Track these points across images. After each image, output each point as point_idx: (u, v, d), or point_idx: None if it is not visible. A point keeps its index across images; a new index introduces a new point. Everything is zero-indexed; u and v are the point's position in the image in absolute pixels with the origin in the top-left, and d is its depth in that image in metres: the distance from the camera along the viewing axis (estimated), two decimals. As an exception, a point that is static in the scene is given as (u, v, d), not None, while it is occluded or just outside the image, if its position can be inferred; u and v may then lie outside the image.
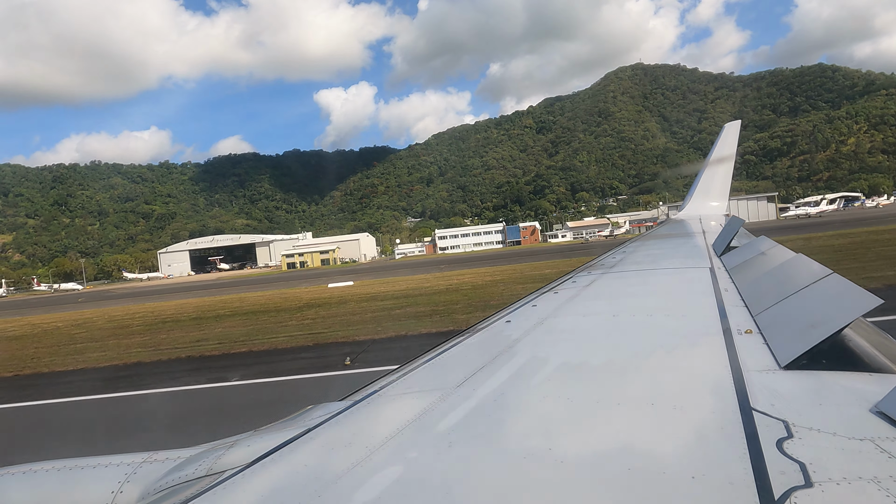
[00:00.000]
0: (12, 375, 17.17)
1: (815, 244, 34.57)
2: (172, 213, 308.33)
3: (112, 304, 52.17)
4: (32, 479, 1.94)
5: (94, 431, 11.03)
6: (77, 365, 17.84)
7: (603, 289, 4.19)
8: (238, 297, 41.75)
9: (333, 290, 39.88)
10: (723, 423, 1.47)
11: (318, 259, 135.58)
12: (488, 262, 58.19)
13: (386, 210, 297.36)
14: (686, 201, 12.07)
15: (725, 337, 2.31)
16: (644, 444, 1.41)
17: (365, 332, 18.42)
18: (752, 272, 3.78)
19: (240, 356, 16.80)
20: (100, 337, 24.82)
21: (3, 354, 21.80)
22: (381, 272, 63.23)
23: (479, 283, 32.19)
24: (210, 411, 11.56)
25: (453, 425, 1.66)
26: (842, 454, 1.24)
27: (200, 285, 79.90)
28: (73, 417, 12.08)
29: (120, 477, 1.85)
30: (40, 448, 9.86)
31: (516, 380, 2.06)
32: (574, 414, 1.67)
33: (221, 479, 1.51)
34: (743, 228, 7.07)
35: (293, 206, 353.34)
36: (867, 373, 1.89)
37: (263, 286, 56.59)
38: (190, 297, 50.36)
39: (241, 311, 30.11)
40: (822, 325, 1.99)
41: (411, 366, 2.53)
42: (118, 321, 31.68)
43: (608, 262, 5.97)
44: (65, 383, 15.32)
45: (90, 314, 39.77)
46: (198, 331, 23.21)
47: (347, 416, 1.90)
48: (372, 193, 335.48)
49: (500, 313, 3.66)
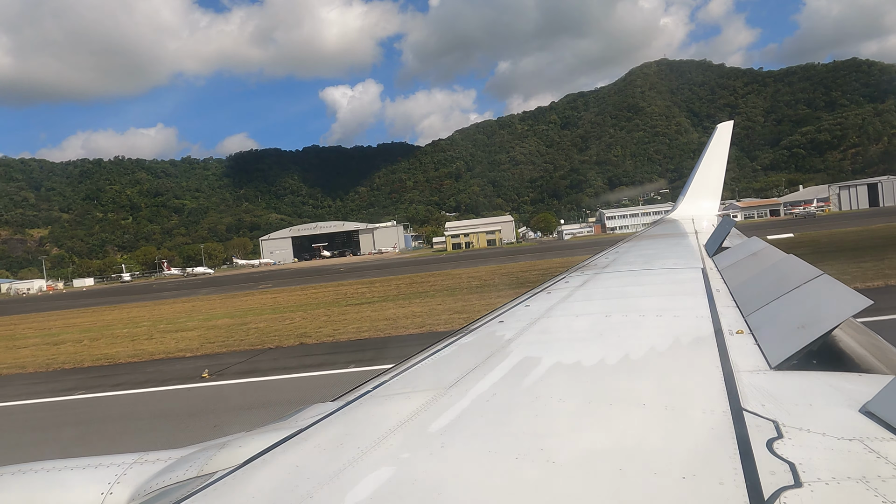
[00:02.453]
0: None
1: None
2: (204, 208, 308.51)
3: (297, 284, 52.01)
4: (21, 479, 1.91)
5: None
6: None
7: (595, 289, 4.15)
8: (453, 273, 41.42)
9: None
10: (713, 423, 1.47)
11: (484, 240, 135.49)
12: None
13: (419, 205, 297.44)
14: (678, 202, 12.15)
15: (717, 337, 2.31)
16: (635, 444, 1.41)
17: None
18: (744, 273, 3.75)
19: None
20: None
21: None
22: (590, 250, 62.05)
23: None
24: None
25: (445, 426, 1.66)
26: (831, 454, 1.24)
27: (357, 267, 76.90)
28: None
29: (110, 478, 1.82)
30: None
31: (509, 380, 2.06)
32: (566, 414, 1.67)
33: (212, 481, 1.50)
34: (735, 229, 7.07)
35: (319, 200, 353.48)
36: (857, 373, 1.90)
37: (467, 263, 56.46)
38: (374, 276, 49.94)
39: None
40: (812, 326, 2.00)
41: (404, 366, 2.51)
42: (413, 287, 31.83)
43: (601, 263, 5.99)
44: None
45: (345, 288, 39.93)
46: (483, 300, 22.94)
47: (339, 417, 1.89)
48: (401, 188, 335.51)
49: (494, 313, 3.63)
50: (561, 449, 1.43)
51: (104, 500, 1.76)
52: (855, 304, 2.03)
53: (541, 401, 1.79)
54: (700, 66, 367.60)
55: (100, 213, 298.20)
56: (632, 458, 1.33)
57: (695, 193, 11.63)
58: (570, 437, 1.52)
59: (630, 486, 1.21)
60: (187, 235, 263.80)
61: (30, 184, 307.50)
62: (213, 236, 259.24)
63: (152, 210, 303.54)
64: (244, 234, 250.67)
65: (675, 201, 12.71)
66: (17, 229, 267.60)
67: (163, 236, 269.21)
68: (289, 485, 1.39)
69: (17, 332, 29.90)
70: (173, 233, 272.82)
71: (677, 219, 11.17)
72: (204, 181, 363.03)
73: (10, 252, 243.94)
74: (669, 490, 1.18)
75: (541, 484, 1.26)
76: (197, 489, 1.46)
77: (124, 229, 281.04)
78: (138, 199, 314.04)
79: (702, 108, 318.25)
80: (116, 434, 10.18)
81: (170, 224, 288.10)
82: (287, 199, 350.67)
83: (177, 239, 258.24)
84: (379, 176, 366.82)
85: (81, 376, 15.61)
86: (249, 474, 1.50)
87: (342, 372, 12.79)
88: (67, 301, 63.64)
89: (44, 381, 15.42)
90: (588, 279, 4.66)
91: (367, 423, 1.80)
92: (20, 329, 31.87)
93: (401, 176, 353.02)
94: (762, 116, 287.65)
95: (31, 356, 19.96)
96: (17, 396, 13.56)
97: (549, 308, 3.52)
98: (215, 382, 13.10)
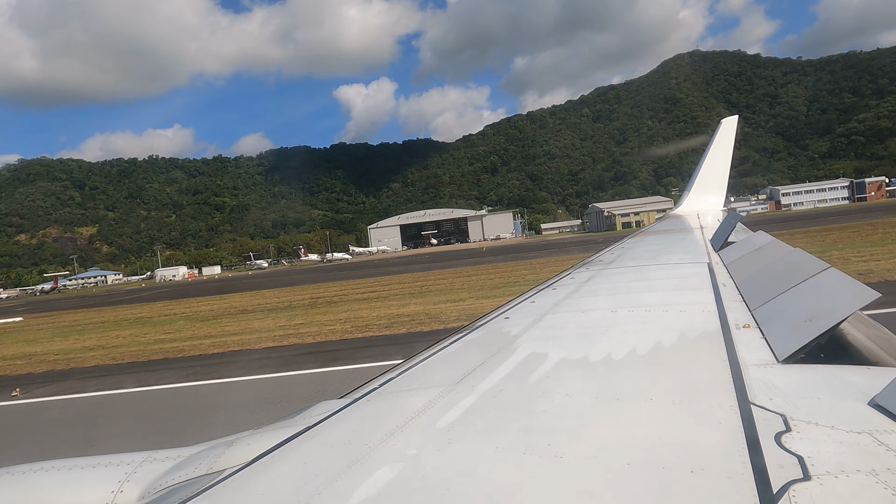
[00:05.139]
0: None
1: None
2: (245, 205, 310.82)
3: (464, 266, 52.41)
4: (32, 479, 1.92)
5: None
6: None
7: (601, 284, 4.13)
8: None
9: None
10: (721, 417, 1.46)
11: (654, 217, 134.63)
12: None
13: (459, 199, 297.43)
14: (684, 197, 11.91)
15: (724, 332, 2.30)
16: (643, 438, 1.40)
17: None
18: (750, 267, 3.73)
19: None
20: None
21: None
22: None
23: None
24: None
25: (453, 422, 1.66)
26: (840, 447, 1.23)
27: (502, 250, 77.21)
28: None
29: (120, 476, 1.83)
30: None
31: (516, 376, 2.05)
32: (573, 410, 1.66)
33: (221, 478, 1.50)
34: (741, 224, 7.01)
35: (353, 197, 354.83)
36: (865, 366, 1.88)
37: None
38: (547, 256, 50.17)
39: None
40: (819, 320, 1.98)
41: (411, 363, 2.51)
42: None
43: (606, 258, 5.95)
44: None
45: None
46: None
47: (347, 414, 1.89)
48: (437, 184, 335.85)
49: (500, 310, 3.64)
50: (569, 444, 1.42)
51: (115, 499, 1.76)
52: (862, 297, 2.01)
53: (548, 396, 1.78)
54: (735, 57, 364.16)
55: (143, 210, 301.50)
56: (640, 453, 1.32)
57: (700, 188, 11.47)
58: (578, 432, 1.50)
59: (638, 481, 1.20)
60: (233, 232, 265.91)
61: (73, 183, 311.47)
62: (259, 232, 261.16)
63: (195, 208, 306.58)
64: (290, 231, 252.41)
65: (681, 196, 12.51)
66: (66, 228, 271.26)
67: (209, 233, 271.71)
68: (297, 482, 1.38)
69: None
70: (218, 229, 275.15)
71: (682, 214, 11.03)
72: (238, 179, 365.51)
73: (63, 250, 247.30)
74: (678, 484, 1.17)
75: (549, 479, 1.26)
76: (206, 487, 1.46)
77: (170, 227, 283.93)
78: (179, 197, 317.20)
79: (740, 99, 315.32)
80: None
81: (213, 221, 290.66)
82: (321, 195, 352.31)
83: (224, 236, 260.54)
84: (411, 172, 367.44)
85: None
86: (258, 472, 1.50)
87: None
88: (281, 279, 64.47)
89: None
90: (594, 275, 4.67)
91: (374, 419, 1.79)
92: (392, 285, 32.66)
93: (435, 171, 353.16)
94: (804, 106, 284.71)
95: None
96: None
97: (555, 304, 3.50)
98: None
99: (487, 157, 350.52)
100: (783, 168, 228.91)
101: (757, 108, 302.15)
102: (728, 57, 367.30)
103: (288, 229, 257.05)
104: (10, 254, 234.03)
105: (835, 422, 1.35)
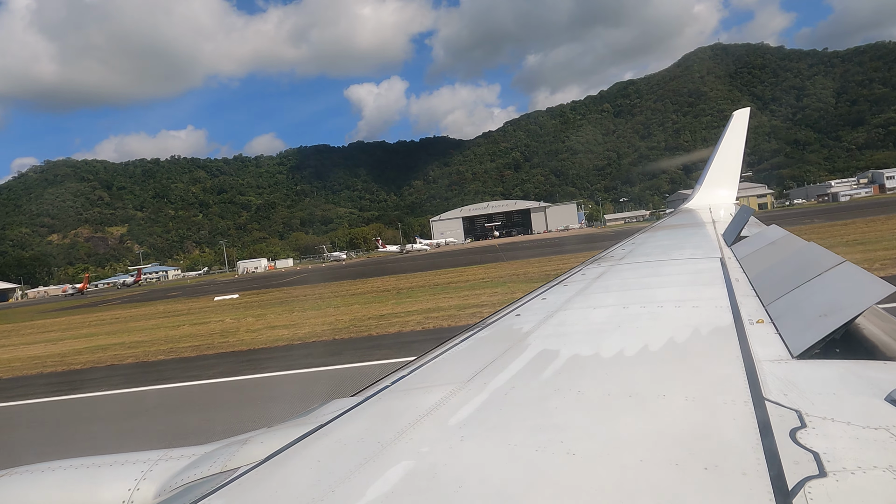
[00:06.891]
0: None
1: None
2: (271, 203, 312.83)
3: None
4: (51, 477, 1.95)
5: None
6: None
7: (612, 281, 4.11)
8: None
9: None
10: (735, 413, 1.45)
11: (755, 203, 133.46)
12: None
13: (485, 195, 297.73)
14: (695, 191, 11.62)
15: (737, 327, 2.27)
16: (656, 435, 1.39)
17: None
18: (763, 262, 3.67)
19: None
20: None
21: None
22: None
23: None
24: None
25: (465, 419, 1.66)
26: (856, 443, 1.22)
27: (579, 239, 75.20)
28: None
29: (136, 474, 1.86)
30: None
31: (527, 373, 2.05)
32: (585, 406, 1.65)
33: (235, 476, 1.52)
34: (753, 218, 6.81)
35: (374, 195, 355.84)
36: (882, 361, 1.86)
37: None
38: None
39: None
40: (834, 314, 1.97)
41: (422, 360, 2.50)
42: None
43: (617, 254, 5.87)
44: None
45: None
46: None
47: (359, 412, 1.90)
48: (461, 180, 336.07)
49: (511, 307, 3.61)
50: (581, 441, 1.42)
51: (131, 496, 1.79)
52: (878, 291, 2.00)
53: (560, 393, 1.78)
54: (758, 50, 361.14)
55: (171, 210, 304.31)
56: (653, 450, 1.31)
57: (712, 182, 11.21)
58: (590, 429, 1.50)
59: (651, 478, 1.19)
60: (262, 230, 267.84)
61: (101, 183, 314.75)
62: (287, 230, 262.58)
63: (221, 206, 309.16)
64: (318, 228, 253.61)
65: (692, 190, 12.18)
66: (97, 227, 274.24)
67: (238, 231, 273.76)
68: (311, 480, 1.40)
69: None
70: (247, 227, 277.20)
71: (694, 208, 10.85)
72: (259, 178, 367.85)
73: (95, 249, 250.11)
74: (691, 481, 1.16)
75: (561, 476, 1.26)
76: (221, 485, 1.48)
77: (199, 225, 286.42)
78: (204, 197, 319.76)
79: (765, 92, 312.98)
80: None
81: (241, 220, 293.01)
82: (343, 194, 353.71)
83: (253, 234, 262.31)
84: (432, 169, 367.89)
85: None
86: (272, 470, 1.51)
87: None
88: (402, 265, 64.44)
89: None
90: (605, 271, 4.63)
91: (386, 417, 1.81)
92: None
93: (458, 168, 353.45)
94: (832, 98, 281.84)
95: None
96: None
97: (566, 300, 3.48)
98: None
99: (509, 153, 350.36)
100: (819, 160, 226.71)
101: (783, 101, 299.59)
102: (751, 49, 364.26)
103: (316, 227, 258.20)
104: (46, 253, 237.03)
105: (851, 417, 1.34)
